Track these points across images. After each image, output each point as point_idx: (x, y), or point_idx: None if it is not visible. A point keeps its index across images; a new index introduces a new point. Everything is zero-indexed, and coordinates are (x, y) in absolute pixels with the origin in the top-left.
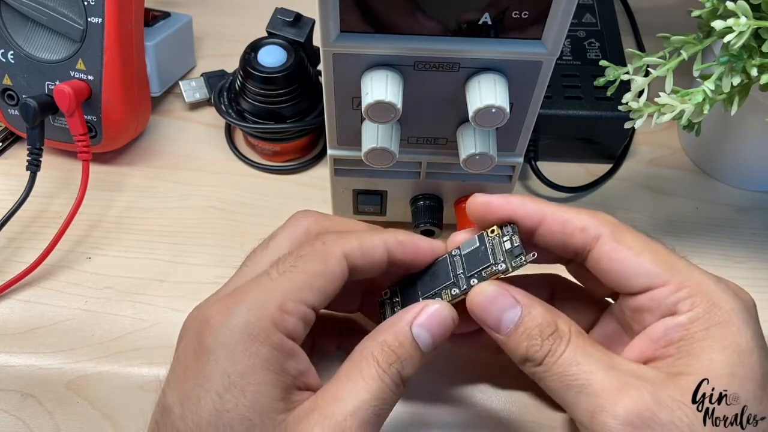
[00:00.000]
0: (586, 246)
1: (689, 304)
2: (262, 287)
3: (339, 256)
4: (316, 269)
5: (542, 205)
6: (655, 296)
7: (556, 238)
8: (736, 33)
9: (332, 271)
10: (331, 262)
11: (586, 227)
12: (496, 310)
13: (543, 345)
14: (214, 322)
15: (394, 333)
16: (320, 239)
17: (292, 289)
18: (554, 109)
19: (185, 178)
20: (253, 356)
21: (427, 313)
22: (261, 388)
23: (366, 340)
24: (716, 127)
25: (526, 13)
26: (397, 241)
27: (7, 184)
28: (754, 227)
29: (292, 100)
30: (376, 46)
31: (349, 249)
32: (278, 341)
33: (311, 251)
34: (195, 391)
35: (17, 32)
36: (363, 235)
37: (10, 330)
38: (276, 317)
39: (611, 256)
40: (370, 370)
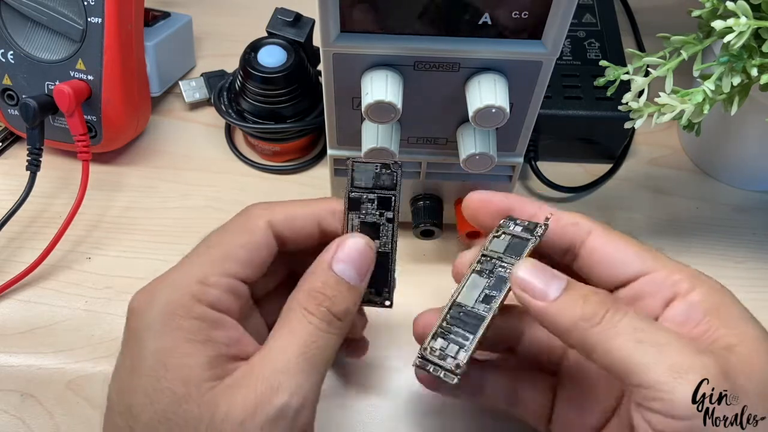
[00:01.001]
0: (579, 239)
1: (688, 284)
2: (184, 266)
3: (263, 226)
4: (238, 240)
5: (536, 201)
6: (654, 279)
7: (549, 232)
8: (736, 33)
9: (255, 241)
10: (254, 232)
11: (577, 222)
12: (541, 279)
13: (603, 300)
14: (137, 307)
15: (315, 276)
16: (245, 212)
17: (214, 261)
18: (554, 109)
19: (185, 178)
20: (175, 330)
21: (343, 249)
22: (184, 360)
23: (294, 291)
24: (716, 127)
25: (526, 13)
26: (331, 210)
27: (7, 184)
28: (754, 227)
29: (292, 100)
30: (376, 46)
31: (274, 218)
32: (201, 312)
33: (235, 224)
34: (130, 380)
35: (17, 32)
36: (291, 205)
37: (10, 330)
38: (196, 291)
39: (606, 245)
40: (295, 318)
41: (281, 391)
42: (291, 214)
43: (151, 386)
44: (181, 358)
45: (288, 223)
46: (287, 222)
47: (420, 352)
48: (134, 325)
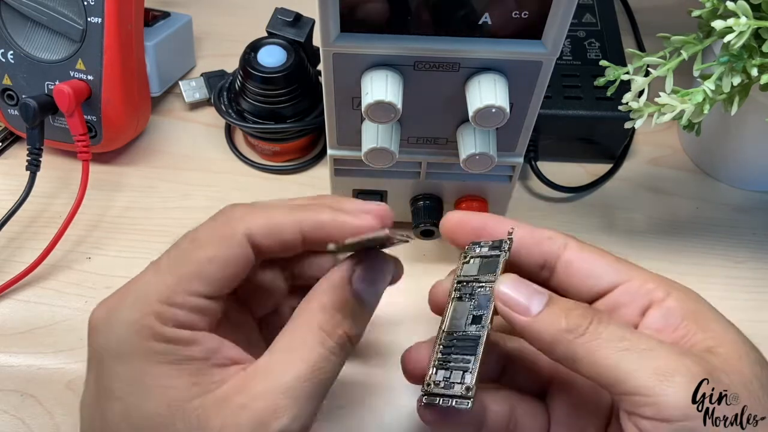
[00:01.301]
0: (554, 253)
1: (663, 292)
2: (146, 280)
3: (240, 238)
4: (208, 254)
5: (510, 220)
6: (629, 289)
7: (526, 246)
8: (737, 33)
9: (229, 256)
10: (229, 244)
11: (551, 236)
12: (523, 293)
13: (585, 313)
14: (98, 324)
15: (335, 292)
16: (222, 216)
17: (178, 279)
18: (554, 109)
19: (185, 178)
20: (144, 354)
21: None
22: (161, 381)
23: (305, 304)
24: (716, 127)
25: (526, 13)
26: (317, 222)
27: (7, 184)
28: (754, 227)
29: (292, 100)
30: (376, 46)
31: (253, 227)
32: (169, 334)
33: (209, 231)
34: (98, 403)
35: (17, 32)
36: (273, 212)
37: (10, 330)
38: (161, 312)
39: (581, 258)
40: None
41: (283, 415)
42: (273, 224)
43: (130, 412)
44: (160, 380)
45: (269, 234)
46: (268, 233)
47: (423, 389)
48: (96, 345)
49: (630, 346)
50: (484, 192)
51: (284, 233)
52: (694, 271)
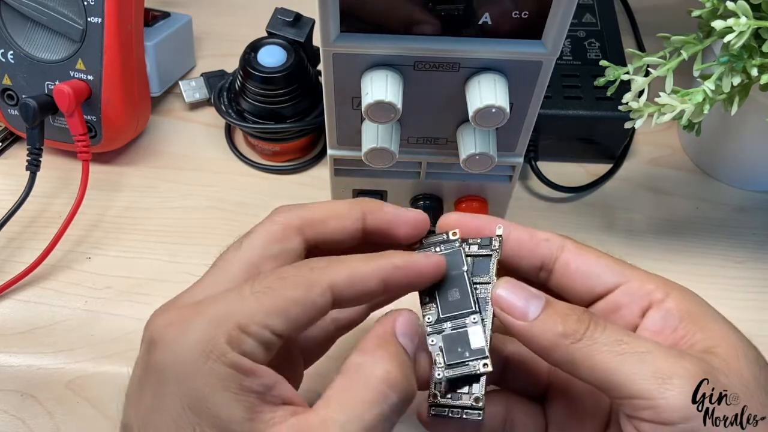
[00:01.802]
0: (552, 255)
1: (662, 292)
2: (226, 302)
3: (324, 288)
4: (294, 296)
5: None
6: (629, 290)
7: (524, 248)
8: (737, 33)
9: (312, 302)
10: (313, 292)
11: (549, 238)
12: (520, 297)
13: (581, 318)
14: (166, 336)
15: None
16: (307, 265)
17: (261, 311)
18: (554, 109)
19: (185, 178)
20: (207, 376)
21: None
22: (218, 410)
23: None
24: (716, 127)
25: (526, 13)
26: (394, 266)
27: (7, 184)
28: (754, 227)
29: (292, 100)
30: (376, 46)
31: (337, 280)
32: (234, 359)
33: (295, 275)
34: (152, 416)
35: (17, 32)
36: (354, 264)
37: (10, 330)
38: (233, 335)
39: (580, 259)
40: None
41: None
42: (355, 276)
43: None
44: (217, 407)
45: (353, 286)
46: (350, 286)
47: (429, 400)
48: (161, 359)
49: (627, 350)
50: (484, 192)
51: (365, 283)
52: (694, 271)
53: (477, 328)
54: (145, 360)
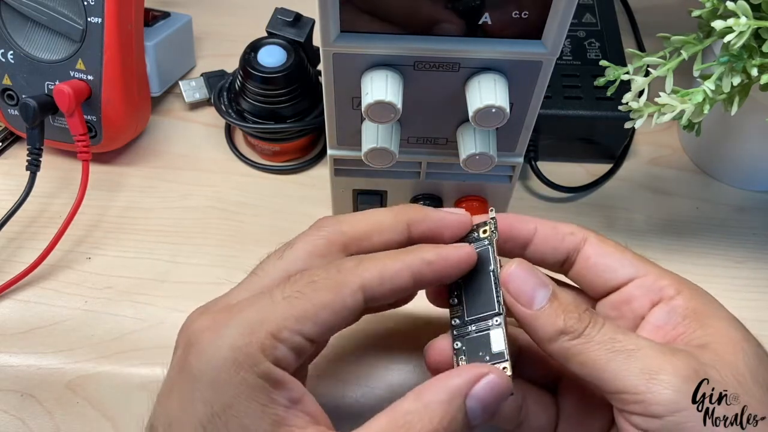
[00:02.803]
0: (576, 247)
1: (674, 289)
2: (259, 307)
3: (355, 288)
4: (325, 299)
5: (533, 217)
6: (643, 283)
7: (548, 244)
8: (737, 33)
9: (343, 304)
10: (344, 293)
11: (573, 231)
12: (529, 285)
13: (582, 316)
14: (201, 340)
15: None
16: (336, 266)
17: (292, 316)
18: (554, 109)
19: (185, 178)
20: (238, 385)
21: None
22: (246, 421)
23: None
24: (716, 127)
25: (526, 13)
26: (425, 262)
27: (7, 184)
28: (754, 227)
29: (292, 100)
30: (376, 46)
31: (368, 279)
32: (266, 370)
33: (325, 278)
34: (179, 417)
35: (17, 32)
36: (384, 262)
37: (10, 330)
38: (266, 343)
39: (599, 253)
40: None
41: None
42: (385, 274)
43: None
44: (243, 418)
45: (383, 285)
46: (382, 284)
47: None
48: (193, 360)
49: (619, 348)
50: (484, 192)
51: (396, 281)
52: (694, 271)
53: (498, 330)
54: (180, 363)
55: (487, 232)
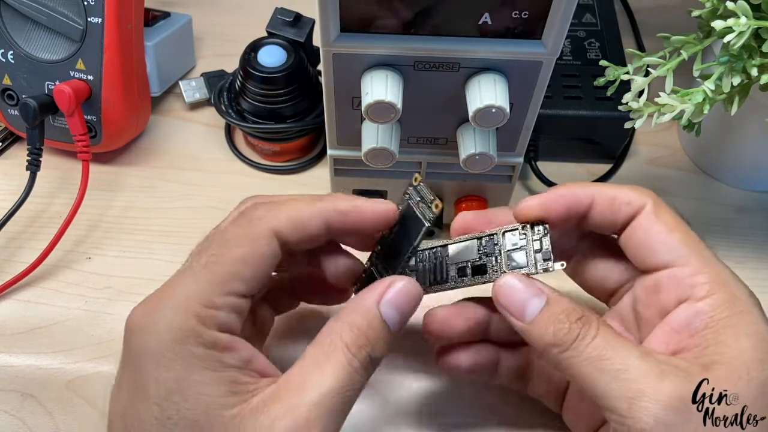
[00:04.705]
0: (631, 217)
1: (706, 289)
2: (183, 283)
3: (267, 236)
4: (240, 255)
5: (590, 187)
6: (675, 274)
7: (605, 217)
8: (736, 33)
9: (260, 254)
10: (258, 244)
11: (631, 200)
12: (520, 298)
13: (572, 328)
14: (137, 328)
15: (362, 314)
16: (246, 217)
17: (216, 281)
18: (554, 109)
19: (185, 178)
20: (186, 359)
21: (394, 290)
22: (202, 389)
23: (333, 322)
24: (716, 127)
25: (526, 13)
26: (337, 211)
27: (7, 184)
28: (754, 227)
29: (292, 100)
30: (376, 46)
31: (278, 224)
32: (210, 338)
33: (236, 233)
34: (133, 404)
35: (17, 32)
36: (296, 207)
37: (10, 330)
38: (202, 315)
39: (646, 228)
40: (339, 356)
41: (314, 427)
42: (297, 218)
43: (166, 415)
44: (199, 387)
45: (294, 228)
46: (294, 228)
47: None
48: (136, 347)
49: (606, 366)
50: (484, 192)
51: (309, 225)
52: None
53: None
54: (124, 355)
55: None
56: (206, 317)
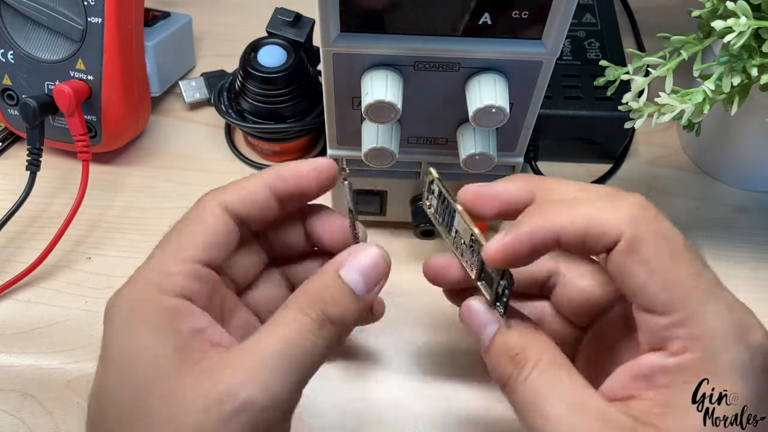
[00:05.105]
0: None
1: (681, 346)
2: (147, 262)
3: (214, 209)
4: (193, 228)
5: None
6: (650, 322)
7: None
8: (736, 33)
9: (210, 223)
10: (206, 216)
11: (605, 232)
12: (478, 323)
13: (505, 368)
14: (107, 310)
15: (318, 279)
16: (198, 201)
17: (172, 251)
18: (554, 109)
19: (185, 178)
20: (139, 324)
21: (356, 257)
22: (150, 351)
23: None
24: (716, 127)
25: (526, 13)
26: (278, 176)
27: (7, 184)
28: (754, 227)
29: (292, 100)
30: (376, 46)
31: (224, 197)
32: (165, 303)
33: (188, 214)
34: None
35: (17, 32)
36: (240, 182)
37: (10, 330)
38: (160, 282)
39: (622, 267)
40: (287, 316)
41: (250, 385)
42: (241, 190)
43: (119, 375)
44: (146, 349)
45: (241, 199)
46: (240, 199)
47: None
48: (105, 325)
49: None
50: None
51: (254, 193)
52: None
53: None
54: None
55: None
56: (164, 284)
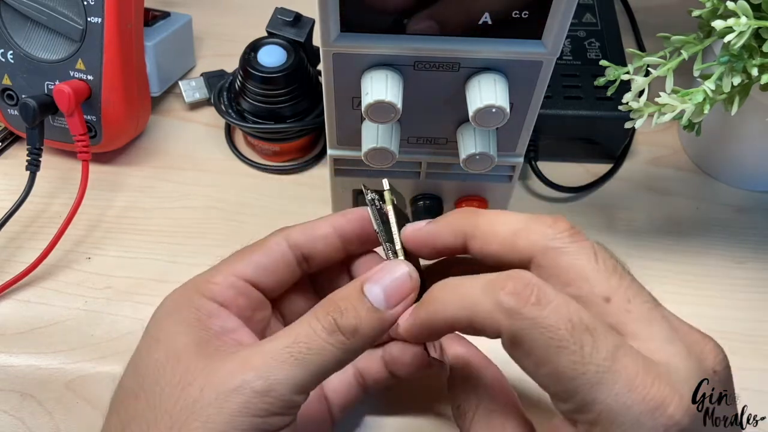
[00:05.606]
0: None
1: (585, 429)
2: (199, 273)
3: (278, 238)
4: (251, 249)
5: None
6: (556, 404)
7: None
8: (737, 33)
9: (268, 249)
10: (269, 243)
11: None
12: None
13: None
14: (156, 310)
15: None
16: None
17: (224, 266)
18: (554, 109)
19: (185, 178)
20: (173, 316)
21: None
22: (174, 336)
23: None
24: (716, 127)
25: (526, 13)
26: (343, 217)
27: (7, 184)
28: (754, 227)
29: (292, 100)
30: (376, 46)
31: (288, 231)
32: (199, 303)
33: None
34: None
35: (17, 32)
36: (308, 222)
37: (10, 330)
38: (201, 286)
39: (510, 355)
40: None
41: (249, 369)
42: (307, 225)
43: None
44: (172, 335)
45: (303, 231)
46: (303, 231)
47: None
48: (149, 323)
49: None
50: (484, 192)
51: (317, 228)
52: (694, 271)
53: None
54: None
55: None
56: (203, 289)
